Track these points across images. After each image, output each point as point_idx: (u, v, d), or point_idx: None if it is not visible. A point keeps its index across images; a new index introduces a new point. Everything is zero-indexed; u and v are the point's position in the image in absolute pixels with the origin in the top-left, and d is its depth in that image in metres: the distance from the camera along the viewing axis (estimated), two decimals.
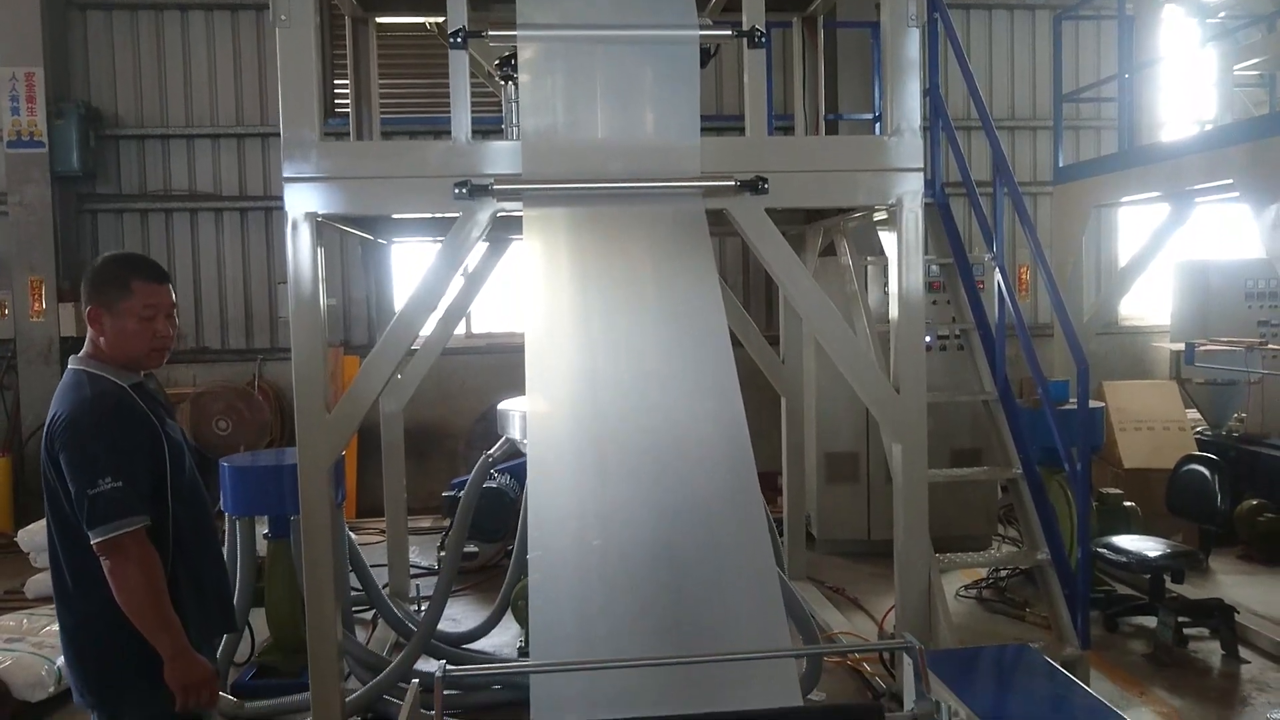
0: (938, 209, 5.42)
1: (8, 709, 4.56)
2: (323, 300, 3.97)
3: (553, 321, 3.40)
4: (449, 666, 2.28)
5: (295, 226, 3.78)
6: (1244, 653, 4.99)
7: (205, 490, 2.89)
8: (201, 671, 2.60)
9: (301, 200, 3.79)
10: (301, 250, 3.80)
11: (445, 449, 9.19)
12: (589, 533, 2.91)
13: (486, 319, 9.44)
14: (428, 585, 6.03)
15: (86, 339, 2.75)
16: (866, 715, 2.25)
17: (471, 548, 6.99)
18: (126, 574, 2.51)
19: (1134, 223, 9.49)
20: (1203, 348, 7.08)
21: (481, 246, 5.79)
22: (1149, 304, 9.70)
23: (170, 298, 2.84)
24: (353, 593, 5.53)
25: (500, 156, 3.79)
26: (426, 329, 6.10)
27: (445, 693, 4.67)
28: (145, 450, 2.63)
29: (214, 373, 9.00)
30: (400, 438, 6.23)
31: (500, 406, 4.89)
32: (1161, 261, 7.43)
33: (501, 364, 8.79)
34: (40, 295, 8.59)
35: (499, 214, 3.79)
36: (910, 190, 4.03)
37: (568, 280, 3.49)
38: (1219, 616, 5.05)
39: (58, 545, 2.63)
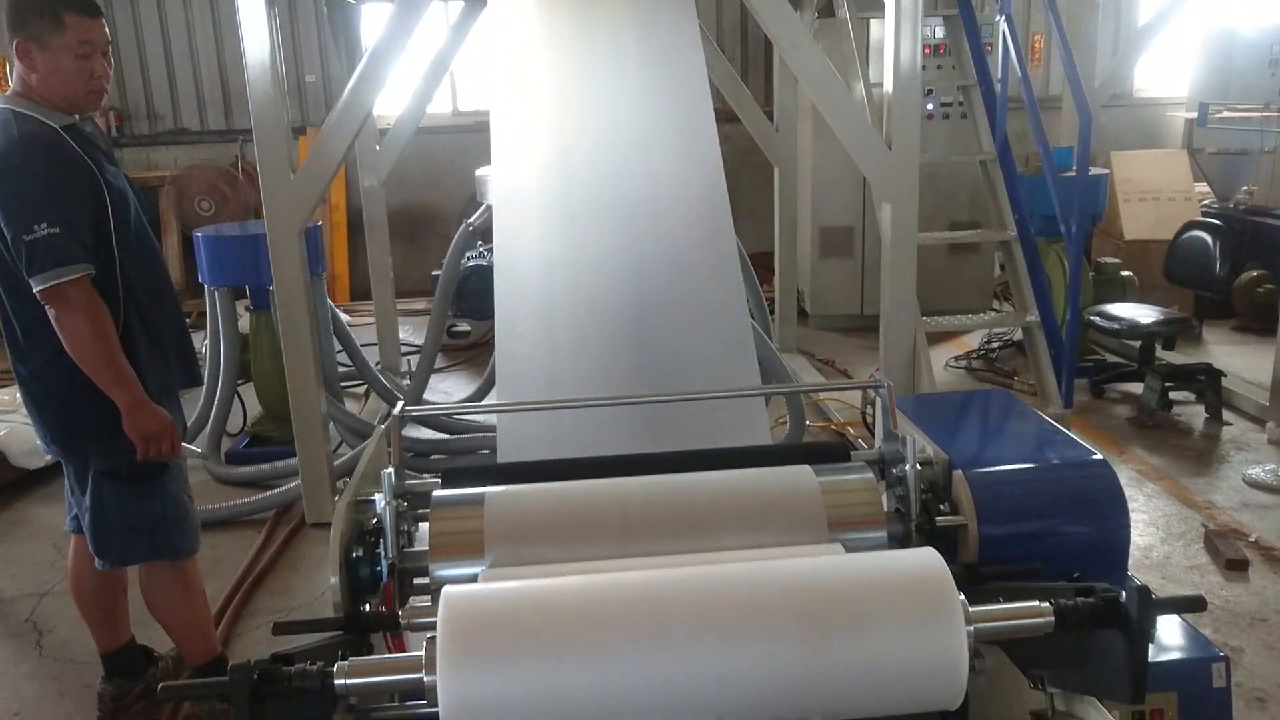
0: None
1: (7, 476, 4.67)
2: (279, 61, 3.75)
3: (523, 80, 3.18)
4: (409, 407, 2.24)
5: None
6: (1227, 416, 5.02)
7: (156, 241, 2.77)
8: (160, 422, 2.56)
9: None
10: None
11: (436, 231, 9.04)
12: (556, 279, 2.82)
13: (473, 96, 9.06)
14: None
15: (14, 76, 2.56)
16: (832, 452, 2.21)
17: (463, 326, 7.00)
18: (73, 323, 2.43)
19: None
20: (1217, 114, 6.78)
21: (457, 6, 5.44)
22: (1167, 77, 9.25)
23: (105, 34, 2.62)
24: (343, 368, 5.56)
25: None
26: (403, 100, 5.87)
27: (434, 458, 4.76)
28: (82, 195, 2.49)
29: (195, 154, 8.74)
30: (382, 213, 6.08)
31: (478, 172, 4.72)
32: (1184, 23, 7.00)
33: (490, 143, 8.50)
34: None
35: None
36: None
37: (541, 37, 3.23)
38: (1206, 379, 5.04)
39: (4, 295, 2.54)
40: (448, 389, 6.21)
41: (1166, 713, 1.79)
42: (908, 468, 2.07)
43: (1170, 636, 2.00)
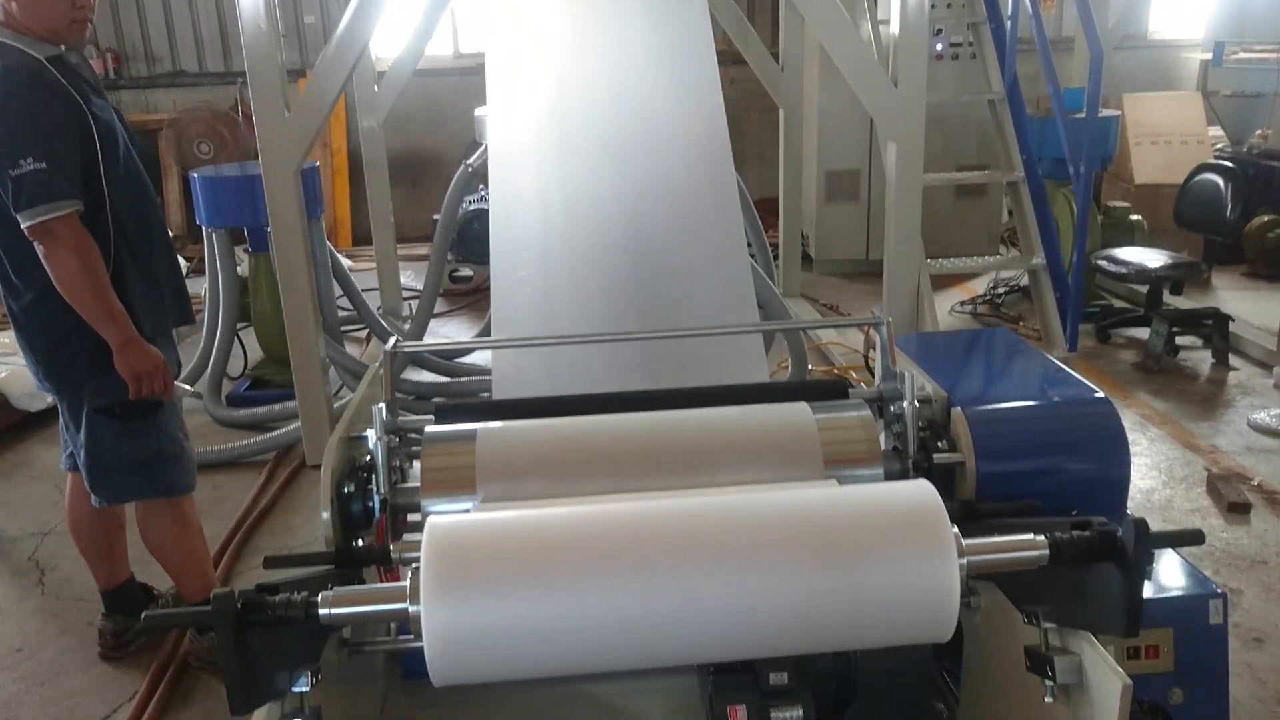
0: None
1: (9, 419, 4.67)
2: None
3: (520, 15, 3.10)
4: (402, 343, 2.22)
5: None
6: (1234, 361, 4.97)
7: (147, 178, 2.73)
8: (152, 360, 2.54)
9: None
10: None
11: (438, 176, 8.91)
12: (553, 218, 2.77)
13: (475, 38, 8.91)
14: None
15: None
16: (829, 390, 2.18)
17: (465, 271, 6.96)
18: (62, 260, 2.40)
19: None
20: (1233, 55, 6.64)
21: None
22: (1182, 18, 9.05)
23: None
24: (344, 312, 5.54)
25: None
26: (403, 40, 5.76)
27: (435, 401, 4.75)
28: (69, 129, 2.44)
29: (193, 97, 8.62)
30: (382, 155, 6.00)
31: (477, 112, 4.65)
32: None
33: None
34: None
35: None
36: None
37: None
38: (1214, 324, 4.99)
39: None
40: (449, 333, 6.18)
41: (1162, 648, 1.78)
42: (905, 404, 2.05)
43: (1168, 575, 1.99)
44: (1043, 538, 1.44)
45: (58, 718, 2.70)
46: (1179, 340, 5.05)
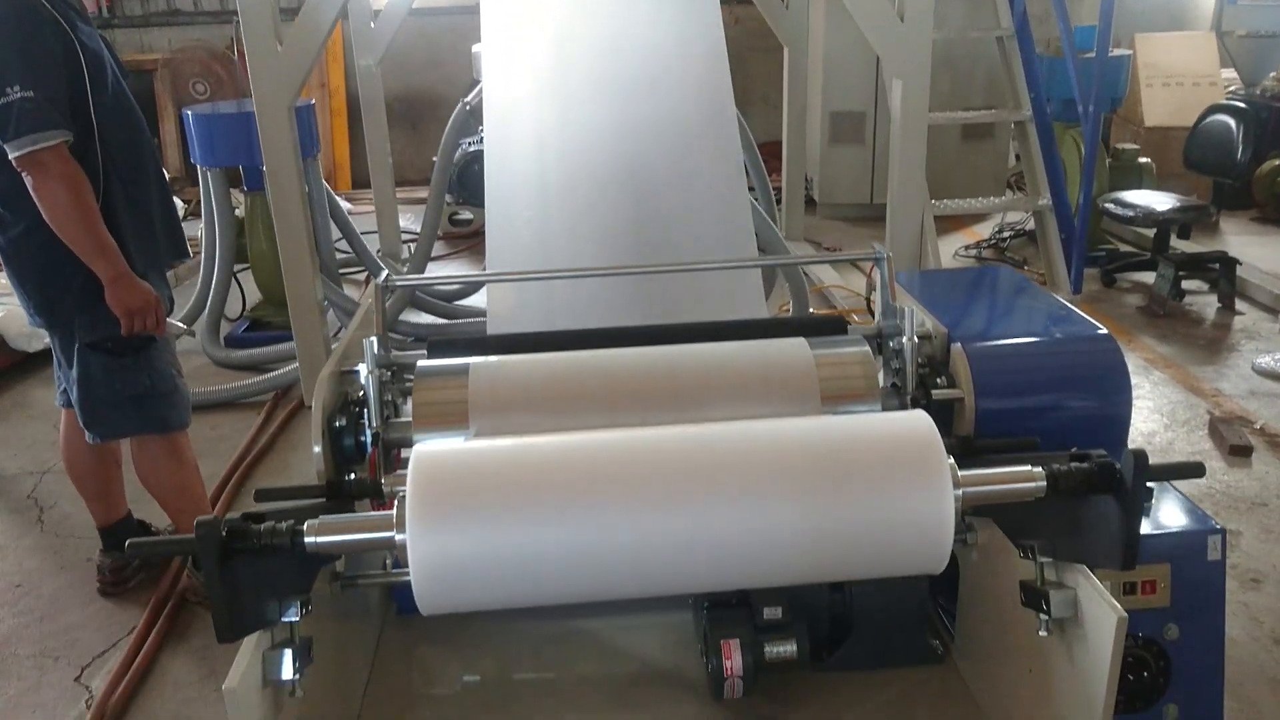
0: None
1: (7, 359, 4.65)
2: None
3: None
4: (393, 277, 2.18)
5: None
6: (1240, 305, 4.93)
7: (138, 110, 2.67)
8: (144, 295, 2.51)
9: None
10: None
11: (438, 118, 8.73)
12: (549, 155, 2.72)
13: None
14: None
15: None
16: (827, 326, 2.14)
17: (465, 214, 6.89)
18: (51, 192, 2.36)
19: None
20: None
21: None
22: None
23: None
24: (344, 254, 5.49)
25: None
26: None
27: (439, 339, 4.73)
28: (56, 57, 2.38)
29: (188, 36, 8.48)
30: (379, 95, 5.90)
31: (474, 49, 4.56)
32: None
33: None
34: None
35: None
36: None
37: None
38: (1221, 267, 4.93)
39: None
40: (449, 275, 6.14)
41: (1159, 584, 1.77)
42: (904, 340, 2.01)
43: (1167, 513, 1.97)
44: (1040, 469, 1.42)
45: (56, 652, 2.72)
46: (1185, 285, 5.00)
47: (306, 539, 1.33)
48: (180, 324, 3.04)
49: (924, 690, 2.02)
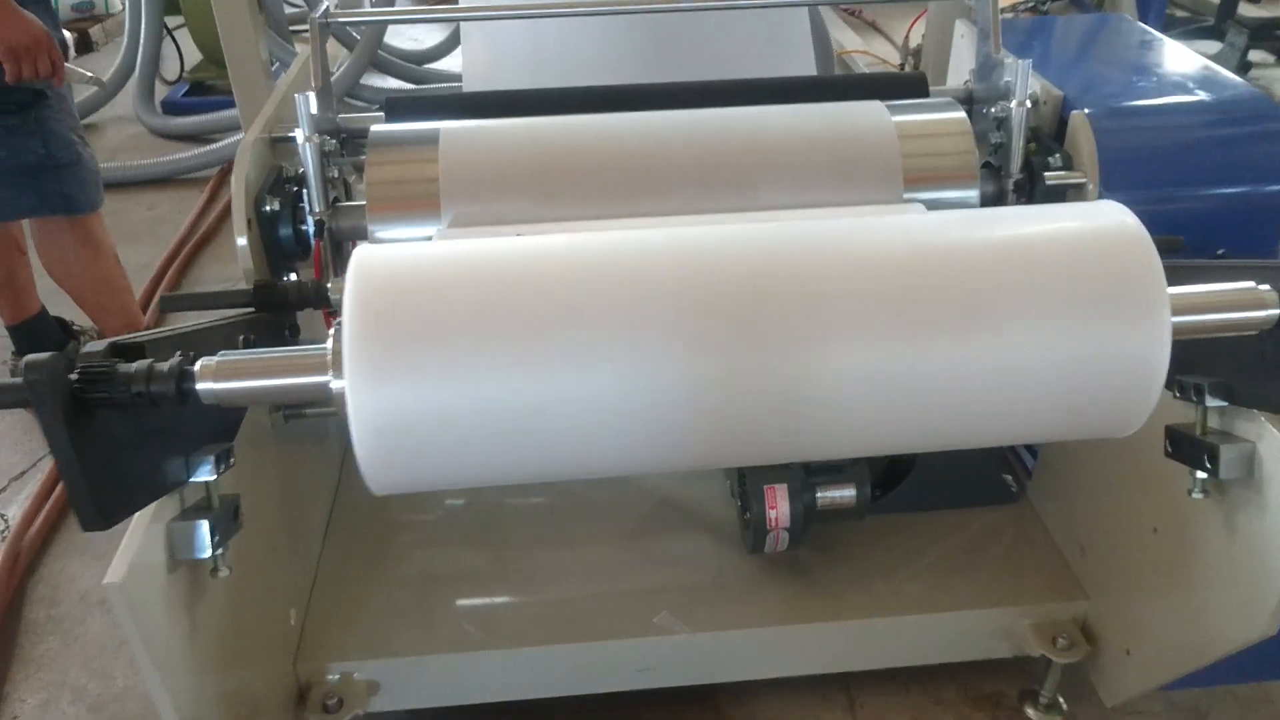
0: None
1: None
2: None
3: None
4: (332, 10, 1.64)
5: None
6: None
7: None
8: (30, 33, 1.97)
9: None
10: None
11: None
12: None
13: None
14: None
15: None
16: (904, 85, 1.65)
17: None
18: None
19: None
20: None
21: None
22: None
23: None
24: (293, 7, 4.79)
25: None
26: None
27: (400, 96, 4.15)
28: None
29: None
30: None
31: None
32: None
33: None
34: None
35: None
36: None
37: None
38: None
39: None
40: (417, 34, 5.42)
41: None
42: (1013, 104, 1.54)
43: None
44: (1267, 287, 0.98)
45: None
46: (1252, 56, 4.43)
47: (199, 386, 0.90)
48: (84, 70, 2.48)
49: (997, 535, 1.70)
